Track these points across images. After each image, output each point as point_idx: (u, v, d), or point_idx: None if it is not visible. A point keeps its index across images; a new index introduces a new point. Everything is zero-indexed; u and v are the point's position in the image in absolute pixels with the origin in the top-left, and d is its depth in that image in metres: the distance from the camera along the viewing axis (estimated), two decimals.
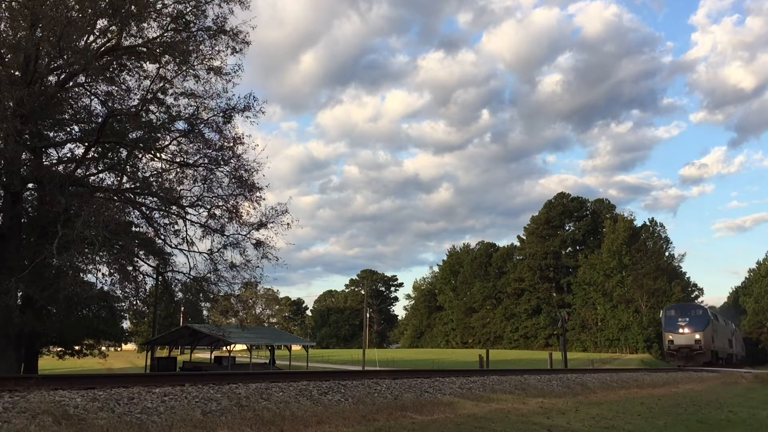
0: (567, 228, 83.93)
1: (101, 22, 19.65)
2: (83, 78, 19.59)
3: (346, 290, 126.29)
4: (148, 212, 22.07)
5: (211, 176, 21.76)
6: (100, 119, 20.44)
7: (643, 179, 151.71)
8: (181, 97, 21.75)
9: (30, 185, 20.80)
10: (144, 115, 21.17)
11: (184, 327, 38.40)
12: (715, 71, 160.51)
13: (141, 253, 22.84)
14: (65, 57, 18.31)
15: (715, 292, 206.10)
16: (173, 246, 22.39)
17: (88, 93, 21.21)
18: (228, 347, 42.42)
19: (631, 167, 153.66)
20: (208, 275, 22.13)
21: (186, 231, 21.98)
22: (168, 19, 20.42)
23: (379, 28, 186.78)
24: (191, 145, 21.70)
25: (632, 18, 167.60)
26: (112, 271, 21.46)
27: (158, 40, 20.33)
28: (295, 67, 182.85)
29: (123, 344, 47.02)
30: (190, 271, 22.08)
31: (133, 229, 22.62)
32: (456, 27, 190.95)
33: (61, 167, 20.92)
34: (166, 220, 22.30)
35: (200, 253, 22.15)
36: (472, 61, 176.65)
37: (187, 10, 20.66)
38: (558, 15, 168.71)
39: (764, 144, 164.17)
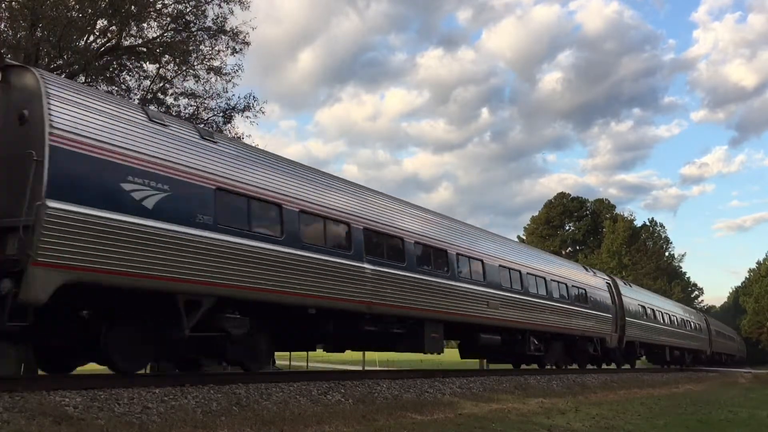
0: (567, 228, 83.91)
1: (101, 22, 19.67)
2: (83, 78, 19.59)
3: None
4: None
5: None
6: None
7: (643, 178, 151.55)
8: (181, 97, 21.79)
9: None
10: None
11: None
12: (717, 69, 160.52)
13: None
14: (65, 57, 18.31)
15: (715, 292, 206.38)
16: None
17: None
18: None
19: (632, 166, 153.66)
20: None
21: None
22: (168, 19, 20.44)
23: (377, 26, 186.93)
24: None
25: (633, 15, 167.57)
26: None
27: (158, 40, 20.35)
28: (294, 65, 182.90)
29: None
30: None
31: None
32: (455, 24, 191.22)
33: None
34: None
35: None
36: (471, 59, 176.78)
37: (187, 10, 20.69)
38: (558, 12, 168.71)
39: (765, 143, 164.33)
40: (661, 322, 29.93)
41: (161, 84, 21.32)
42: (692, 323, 37.91)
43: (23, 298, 6.99)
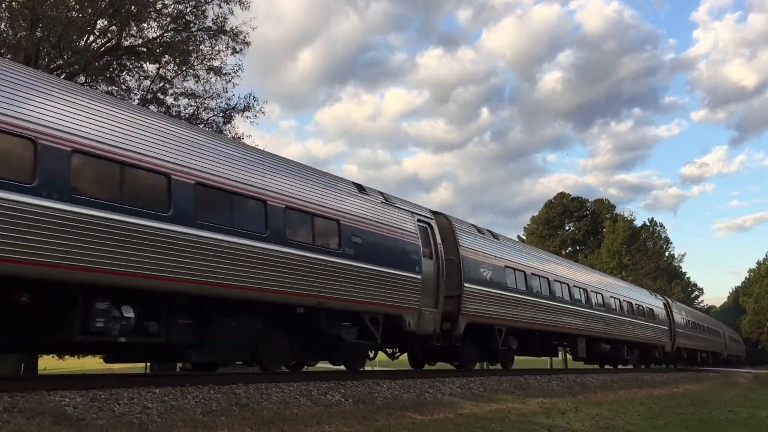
0: (567, 228, 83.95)
1: (101, 22, 19.70)
2: (83, 78, 19.61)
3: None
4: None
5: None
6: None
7: (643, 178, 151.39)
8: (181, 97, 21.85)
9: None
10: None
11: None
12: (717, 69, 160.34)
13: None
14: (65, 57, 18.34)
15: (715, 292, 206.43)
16: None
17: None
18: None
19: (632, 166, 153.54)
20: None
21: None
22: (168, 19, 20.48)
23: (377, 26, 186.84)
24: None
25: (633, 14, 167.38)
26: None
27: (158, 40, 20.38)
28: (293, 65, 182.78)
29: None
30: None
31: None
32: (455, 24, 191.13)
33: None
34: None
35: None
36: (471, 59, 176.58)
37: (187, 10, 20.72)
38: (558, 11, 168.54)
39: (765, 143, 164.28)
40: (564, 298, 19.98)
41: (161, 84, 21.37)
42: (637, 306, 26.66)
43: None
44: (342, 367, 13.52)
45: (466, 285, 14.96)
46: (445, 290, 14.29)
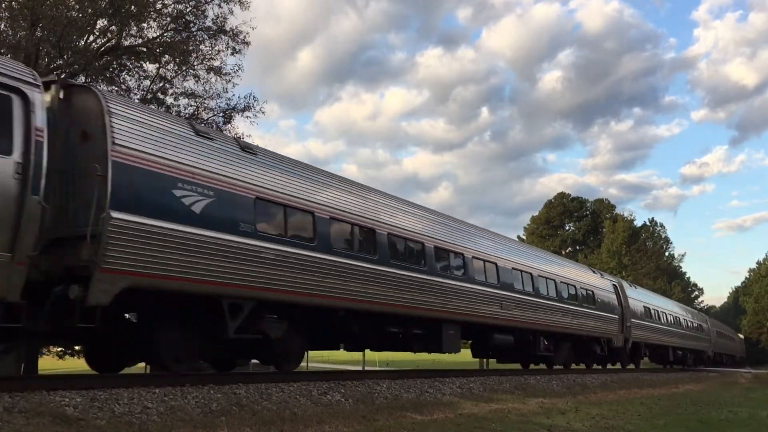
0: (567, 228, 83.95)
1: (101, 22, 19.68)
2: (83, 78, 19.60)
3: None
4: None
5: None
6: None
7: (643, 178, 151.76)
8: (181, 97, 21.82)
9: None
10: None
11: None
12: (717, 68, 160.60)
13: None
14: (65, 57, 18.32)
15: (715, 292, 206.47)
16: None
17: None
18: None
19: (632, 166, 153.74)
20: None
21: None
22: (168, 19, 20.46)
23: (377, 25, 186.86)
24: None
25: (633, 13, 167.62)
26: None
27: (158, 40, 20.37)
28: (293, 64, 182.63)
29: None
30: None
31: None
32: (455, 23, 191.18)
33: None
34: None
35: None
36: (471, 58, 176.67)
37: (187, 10, 20.71)
38: (558, 10, 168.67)
39: (765, 143, 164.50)
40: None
41: (161, 84, 21.35)
42: (562, 283, 19.81)
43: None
44: (342, 367, 13.59)
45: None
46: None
